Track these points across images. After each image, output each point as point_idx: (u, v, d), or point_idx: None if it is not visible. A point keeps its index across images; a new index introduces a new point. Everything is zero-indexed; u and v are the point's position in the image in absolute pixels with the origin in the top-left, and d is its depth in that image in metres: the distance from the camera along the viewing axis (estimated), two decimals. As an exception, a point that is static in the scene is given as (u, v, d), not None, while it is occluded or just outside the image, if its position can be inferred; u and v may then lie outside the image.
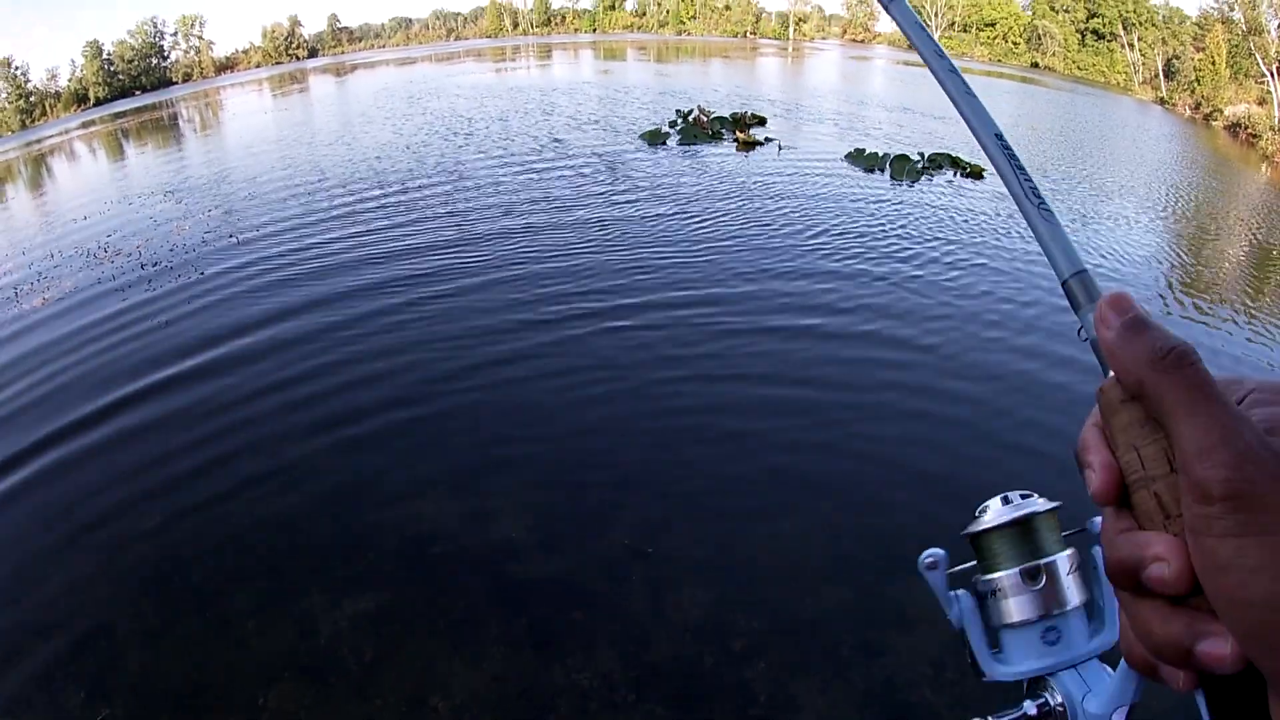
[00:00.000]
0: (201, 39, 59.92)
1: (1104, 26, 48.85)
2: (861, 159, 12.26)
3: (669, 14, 72.05)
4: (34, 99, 47.25)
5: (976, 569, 0.53)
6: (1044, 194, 0.43)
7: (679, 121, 15.07)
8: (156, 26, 56.51)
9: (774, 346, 5.44)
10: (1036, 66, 50.88)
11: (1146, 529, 0.33)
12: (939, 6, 56.68)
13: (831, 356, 5.33)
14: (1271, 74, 29.10)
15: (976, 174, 11.73)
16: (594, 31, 71.18)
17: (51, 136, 30.07)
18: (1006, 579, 0.50)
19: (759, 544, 3.52)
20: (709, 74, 31.28)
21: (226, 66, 60.92)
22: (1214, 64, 33.93)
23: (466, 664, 2.90)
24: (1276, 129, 25.10)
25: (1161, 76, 41.13)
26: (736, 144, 13.32)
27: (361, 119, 18.72)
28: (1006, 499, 0.52)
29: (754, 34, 67.99)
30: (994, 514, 0.52)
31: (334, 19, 72.86)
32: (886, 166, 11.86)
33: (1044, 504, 0.51)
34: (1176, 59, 40.52)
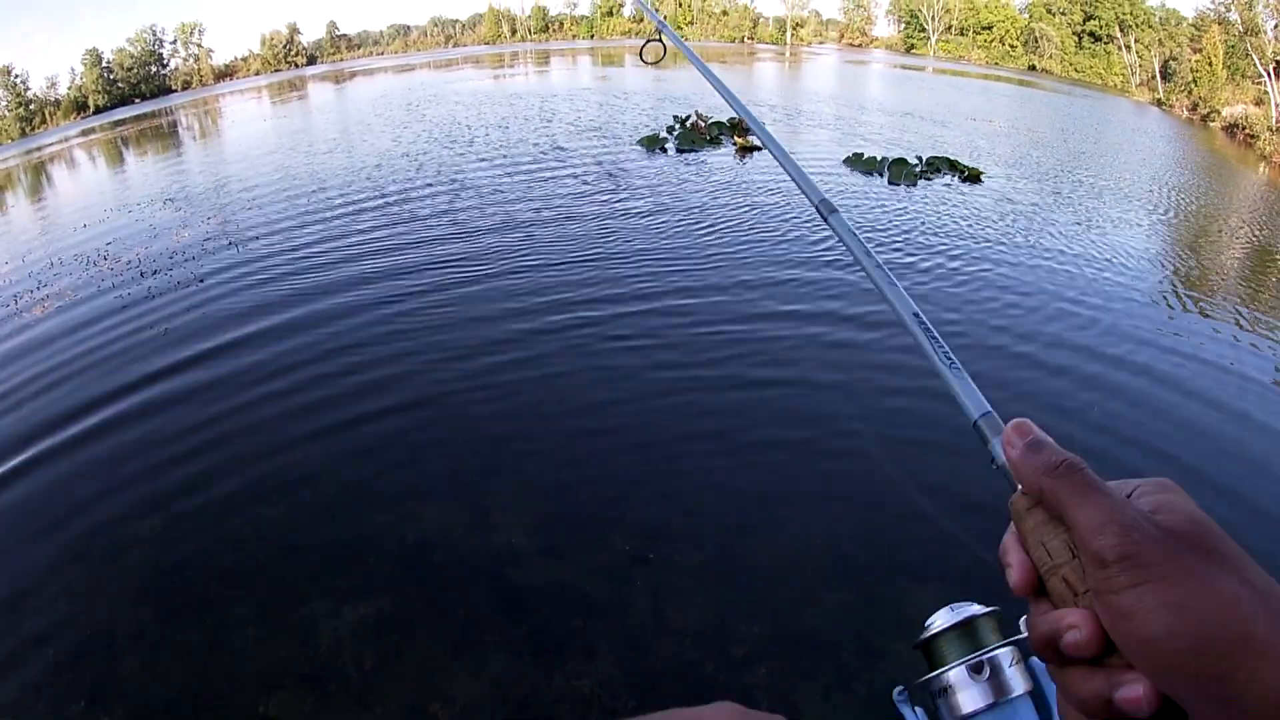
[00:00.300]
0: (201, 47, 59.94)
1: (1101, 29, 48.92)
2: (860, 163, 12.29)
3: (667, 19, 71.99)
4: (34, 107, 47.28)
5: (929, 676, 0.58)
6: (953, 355, 0.52)
7: (677, 127, 15.09)
8: (156, 34, 56.50)
9: (775, 353, 5.45)
10: (1034, 69, 50.95)
11: (1060, 609, 0.39)
12: (935, 10, 56.85)
13: (834, 363, 5.34)
14: (1268, 74, 29.17)
15: (974, 177, 11.76)
16: (591, 38, 71.28)
17: (51, 144, 30.08)
18: (954, 674, 0.55)
19: (760, 550, 3.52)
20: (707, 80, 31.24)
21: (226, 74, 60.94)
22: (1211, 65, 33.99)
23: (467, 671, 2.90)
24: (1274, 129, 25.16)
25: (1159, 78, 41.19)
26: (735, 149, 13.34)
27: (360, 126, 18.74)
28: (952, 609, 0.59)
29: (751, 39, 68.12)
30: (941, 620, 0.58)
31: (333, 26, 72.89)
32: (885, 170, 11.88)
33: (982, 609, 0.58)
34: (1173, 60, 40.56)
